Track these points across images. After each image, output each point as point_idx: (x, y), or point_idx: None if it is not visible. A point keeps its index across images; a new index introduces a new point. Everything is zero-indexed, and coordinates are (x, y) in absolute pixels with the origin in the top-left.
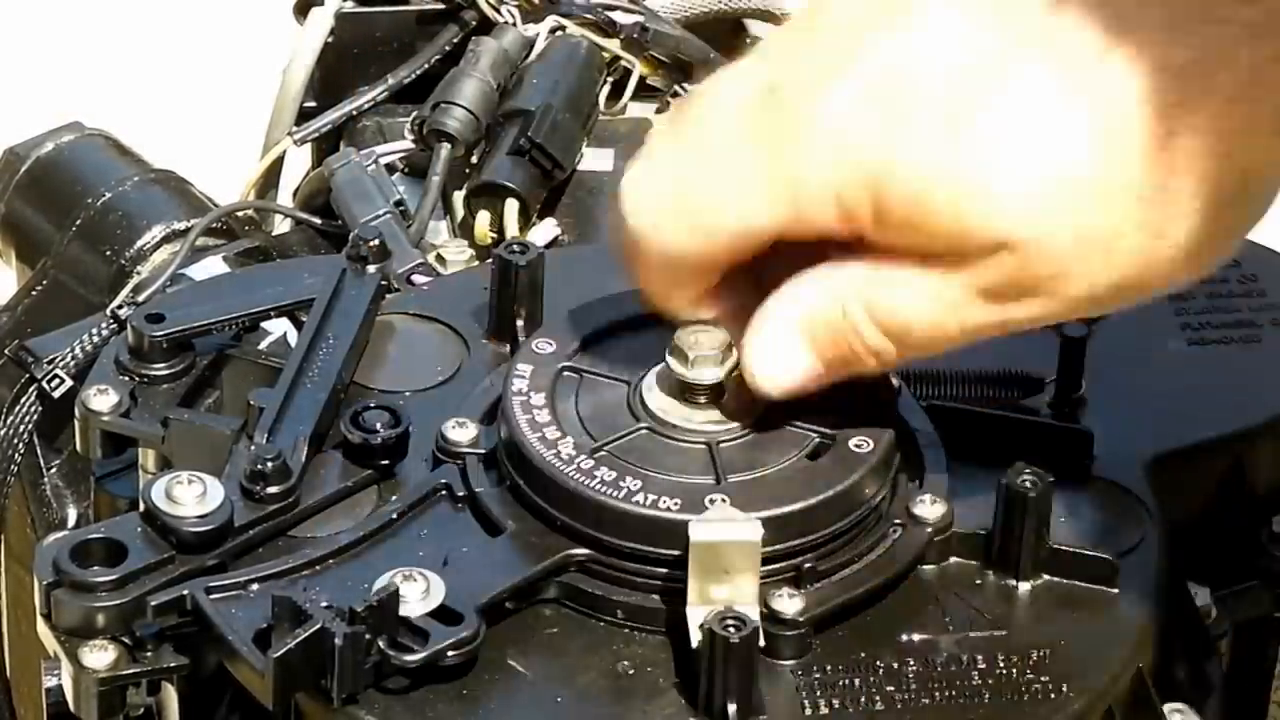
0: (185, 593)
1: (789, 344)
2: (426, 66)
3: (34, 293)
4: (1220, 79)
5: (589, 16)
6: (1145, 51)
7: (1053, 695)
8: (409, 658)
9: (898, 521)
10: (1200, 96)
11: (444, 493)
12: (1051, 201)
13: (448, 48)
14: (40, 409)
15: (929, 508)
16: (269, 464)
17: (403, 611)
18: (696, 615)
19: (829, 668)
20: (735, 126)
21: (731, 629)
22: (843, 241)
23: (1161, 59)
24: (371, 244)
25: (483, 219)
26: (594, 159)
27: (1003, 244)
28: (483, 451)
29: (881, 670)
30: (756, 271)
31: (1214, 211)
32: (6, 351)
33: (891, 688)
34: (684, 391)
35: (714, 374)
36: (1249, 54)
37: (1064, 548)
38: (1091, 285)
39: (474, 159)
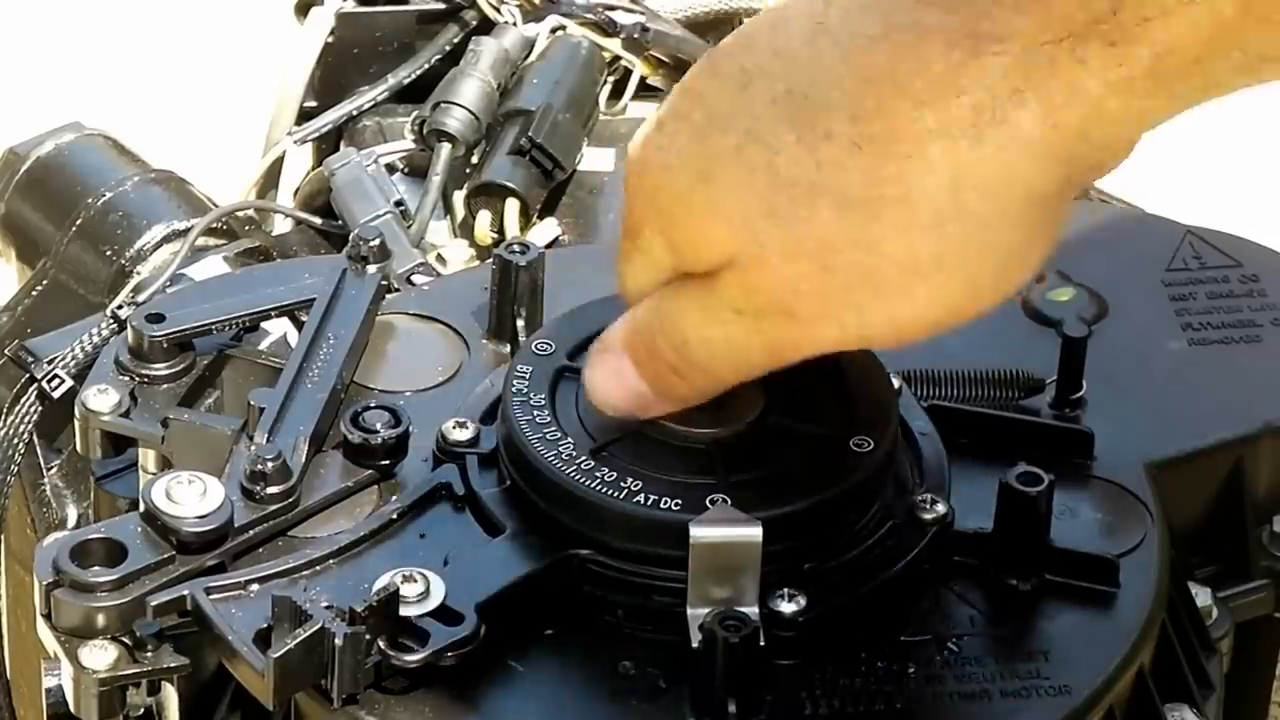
0: (185, 593)
1: (618, 363)
2: (426, 66)
3: (34, 293)
4: (915, 85)
5: (590, 16)
6: (845, 59)
7: (1053, 695)
8: (409, 658)
9: (898, 521)
10: (892, 100)
11: (444, 493)
12: (759, 215)
13: (448, 48)
14: (40, 409)
15: (929, 508)
16: (269, 464)
17: (403, 612)
18: (697, 615)
19: (829, 668)
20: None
21: (731, 629)
22: None
23: (862, 67)
24: (372, 244)
25: (483, 219)
26: (594, 159)
27: (728, 257)
28: (483, 451)
29: (881, 670)
30: None
31: (928, 225)
32: (6, 351)
33: (891, 688)
34: None
35: None
36: (941, 61)
37: (1064, 548)
38: (835, 307)
39: (474, 159)
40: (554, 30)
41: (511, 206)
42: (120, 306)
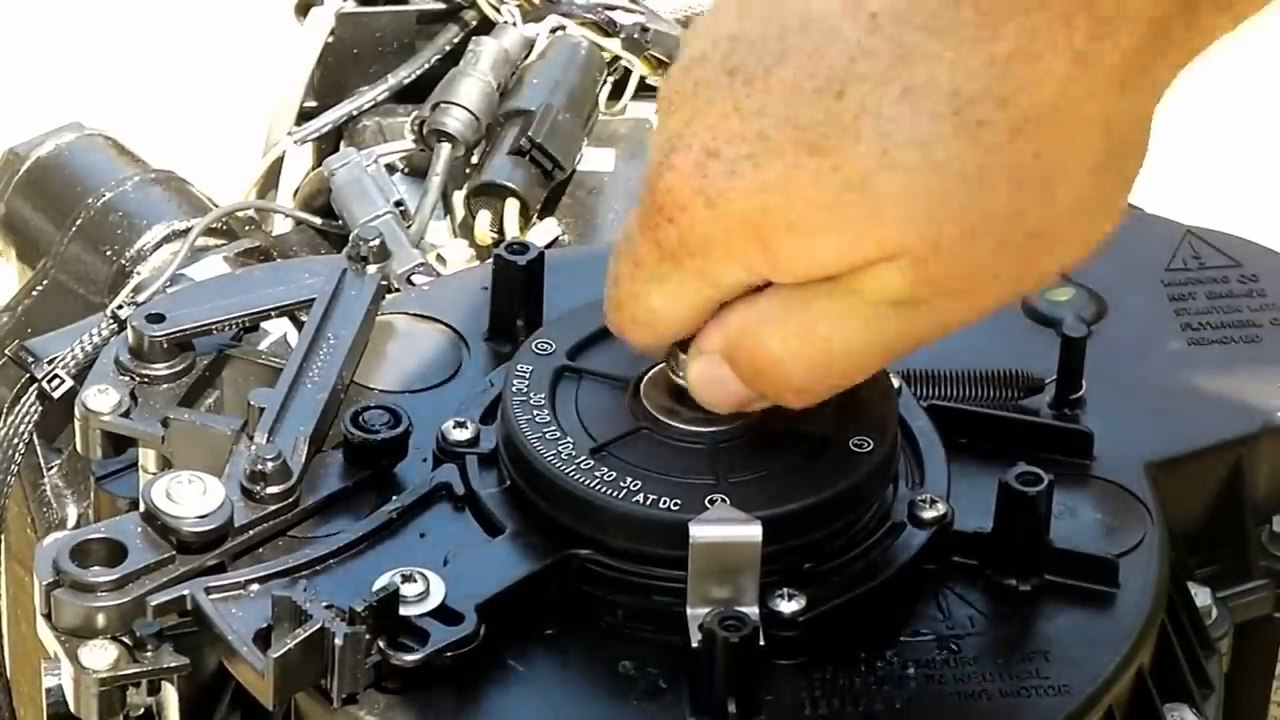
0: (185, 593)
1: (717, 370)
2: (426, 66)
3: (34, 293)
4: (1047, 61)
5: (589, 16)
6: (968, 49)
7: (1053, 695)
8: (409, 658)
9: (898, 521)
10: (1032, 79)
11: (444, 493)
12: (936, 207)
13: (448, 48)
14: (40, 409)
15: (929, 508)
16: (269, 464)
17: (402, 611)
18: (696, 615)
19: (829, 668)
20: (634, 243)
21: (731, 629)
22: None
23: (985, 54)
24: (372, 244)
25: (483, 219)
26: (594, 159)
27: (888, 254)
28: (483, 451)
29: (881, 670)
30: None
31: (1088, 178)
32: (6, 351)
33: (891, 688)
34: (684, 392)
35: None
36: (1066, 37)
37: (1064, 548)
38: (1012, 274)
39: (474, 159)
40: (554, 30)
41: (511, 206)
42: (120, 306)
